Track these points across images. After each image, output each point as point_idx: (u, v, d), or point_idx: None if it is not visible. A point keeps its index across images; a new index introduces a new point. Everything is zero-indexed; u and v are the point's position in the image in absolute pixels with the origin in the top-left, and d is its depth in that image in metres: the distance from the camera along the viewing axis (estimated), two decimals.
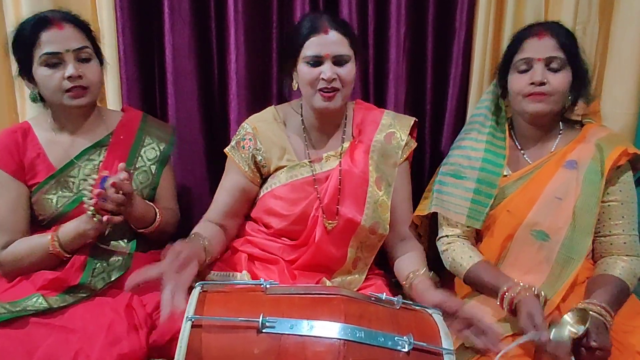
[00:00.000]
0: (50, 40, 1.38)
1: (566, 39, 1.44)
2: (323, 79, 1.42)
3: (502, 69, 1.53)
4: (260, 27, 1.80)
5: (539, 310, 1.24)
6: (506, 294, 1.31)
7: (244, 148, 1.54)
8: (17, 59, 1.44)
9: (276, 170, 1.53)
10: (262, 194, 1.55)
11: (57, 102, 1.43)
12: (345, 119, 1.58)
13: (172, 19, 1.76)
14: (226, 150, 1.57)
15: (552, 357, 1.18)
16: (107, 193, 1.30)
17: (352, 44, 1.46)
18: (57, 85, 1.39)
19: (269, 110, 1.60)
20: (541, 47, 1.43)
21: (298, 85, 1.50)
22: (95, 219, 1.32)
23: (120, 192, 1.32)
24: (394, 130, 1.56)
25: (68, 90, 1.40)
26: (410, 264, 1.49)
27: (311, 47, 1.43)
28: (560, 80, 1.42)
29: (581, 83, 1.47)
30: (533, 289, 1.30)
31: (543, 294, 1.31)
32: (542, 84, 1.41)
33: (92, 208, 1.31)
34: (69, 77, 1.38)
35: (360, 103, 1.65)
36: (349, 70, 1.44)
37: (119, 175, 1.31)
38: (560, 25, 1.49)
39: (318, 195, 1.48)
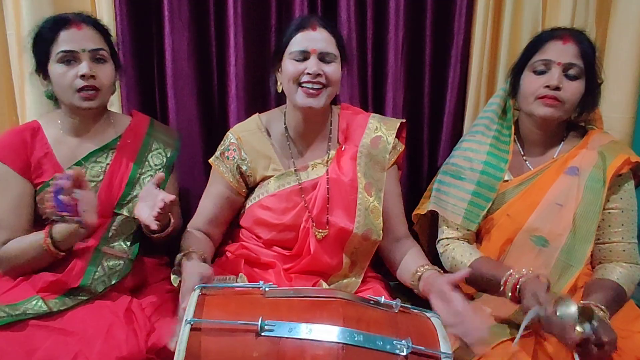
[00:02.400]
0: (68, 39, 1.40)
1: (589, 49, 1.44)
2: (308, 73, 1.40)
3: (517, 67, 1.52)
4: (259, 30, 1.81)
5: (543, 289, 1.23)
6: (509, 279, 1.30)
7: (228, 158, 1.53)
8: (34, 55, 1.46)
9: (262, 180, 1.53)
10: (249, 204, 1.54)
11: (68, 102, 1.44)
12: (331, 125, 1.56)
13: (171, 22, 1.77)
14: (211, 160, 1.57)
15: (559, 335, 1.17)
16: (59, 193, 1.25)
17: (339, 45, 1.46)
18: (69, 83, 1.40)
19: (253, 119, 1.59)
20: (563, 52, 1.42)
21: (282, 88, 1.48)
22: (60, 220, 1.29)
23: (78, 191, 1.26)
24: (380, 134, 1.54)
25: (80, 90, 1.40)
26: (414, 262, 1.46)
27: (297, 42, 1.43)
28: (574, 89, 1.42)
29: (591, 97, 1.47)
30: (537, 274, 1.29)
31: (547, 279, 1.29)
32: (557, 88, 1.40)
33: (55, 216, 1.27)
34: (82, 76, 1.39)
35: (346, 107, 1.63)
36: (334, 69, 1.43)
37: (68, 173, 1.25)
38: (584, 34, 1.48)
39: (306, 205, 1.48)
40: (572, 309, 1.17)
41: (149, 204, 1.32)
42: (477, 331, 1.15)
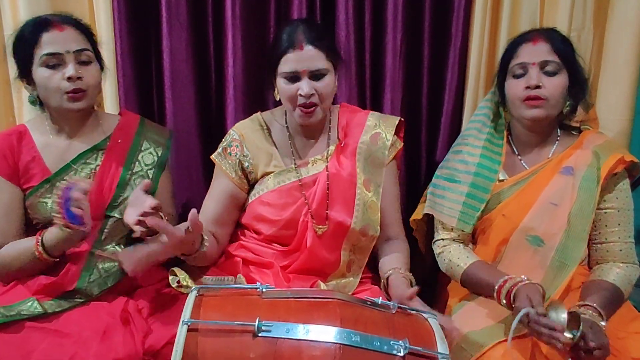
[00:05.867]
0: (51, 41, 1.37)
1: (561, 44, 1.46)
2: (301, 95, 1.42)
3: (499, 76, 1.55)
4: (257, 31, 1.81)
5: (537, 293, 1.24)
6: (504, 286, 1.31)
7: (230, 155, 1.54)
8: (16, 60, 1.44)
9: (263, 176, 1.54)
10: (250, 200, 1.55)
11: (55, 105, 1.41)
12: (330, 123, 1.59)
13: (169, 23, 1.77)
14: (213, 157, 1.57)
15: (546, 339, 1.17)
16: (70, 204, 1.25)
17: (328, 57, 1.46)
18: (56, 86, 1.38)
19: (255, 117, 1.61)
20: (536, 52, 1.44)
21: (279, 97, 1.50)
22: (60, 227, 1.29)
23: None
24: (379, 130, 1.57)
25: (67, 93, 1.38)
26: (392, 263, 1.50)
27: (287, 63, 1.43)
28: (555, 84, 1.43)
29: (579, 88, 1.48)
30: (532, 281, 1.30)
31: (542, 287, 1.30)
32: (537, 87, 1.42)
33: (61, 221, 1.27)
34: (69, 78, 1.37)
35: (345, 106, 1.65)
36: (326, 84, 1.44)
37: (81, 185, 1.26)
38: (555, 30, 1.51)
39: (306, 201, 1.49)
40: (562, 315, 1.18)
41: (137, 210, 1.28)
42: None
